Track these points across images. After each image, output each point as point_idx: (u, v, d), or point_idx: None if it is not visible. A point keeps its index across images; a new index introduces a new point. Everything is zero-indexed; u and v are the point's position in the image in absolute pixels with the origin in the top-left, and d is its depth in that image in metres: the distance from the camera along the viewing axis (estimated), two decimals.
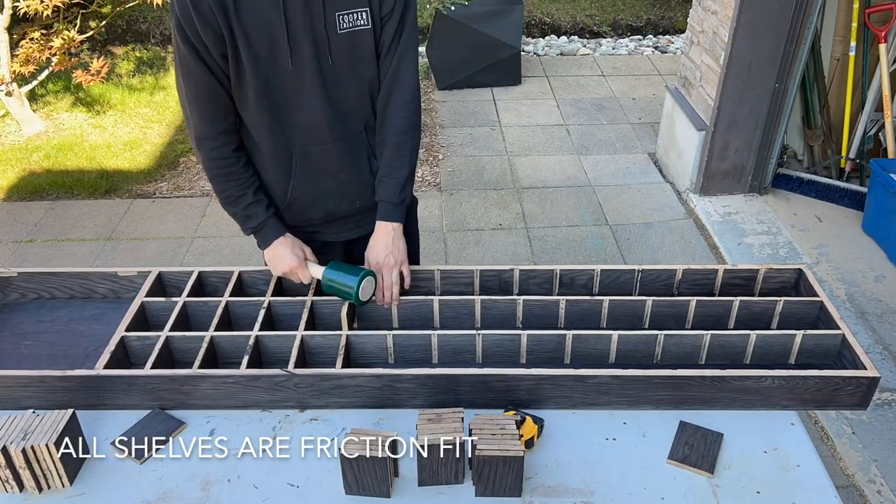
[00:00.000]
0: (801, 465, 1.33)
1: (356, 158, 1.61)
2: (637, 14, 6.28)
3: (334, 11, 1.43)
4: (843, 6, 3.54)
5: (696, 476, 1.31)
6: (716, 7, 3.51)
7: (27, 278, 1.73)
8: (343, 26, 1.45)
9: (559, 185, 4.02)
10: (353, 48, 1.48)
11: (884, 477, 2.34)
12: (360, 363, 1.53)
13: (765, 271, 1.70)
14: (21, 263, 3.40)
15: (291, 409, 1.45)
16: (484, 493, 1.26)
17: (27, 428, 1.25)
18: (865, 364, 1.43)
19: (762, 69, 3.37)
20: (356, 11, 1.45)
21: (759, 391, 1.41)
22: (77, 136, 4.50)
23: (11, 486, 1.26)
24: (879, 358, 2.77)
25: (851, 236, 3.49)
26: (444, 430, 1.24)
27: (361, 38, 1.48)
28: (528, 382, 1.41)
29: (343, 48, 1.47)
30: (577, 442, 1.37)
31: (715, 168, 3.70)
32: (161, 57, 5.65)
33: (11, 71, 4.12)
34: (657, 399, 1.42)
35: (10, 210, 3.84)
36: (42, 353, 1.59)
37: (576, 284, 1.71)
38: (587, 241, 3.56)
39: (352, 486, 1.26)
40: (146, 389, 1.42)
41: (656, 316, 1.62)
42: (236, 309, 1.62)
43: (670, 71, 5.31)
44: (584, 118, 4.74)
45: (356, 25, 1.46)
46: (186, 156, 4.29)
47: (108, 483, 1.30)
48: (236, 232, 1.77)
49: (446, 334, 1.53)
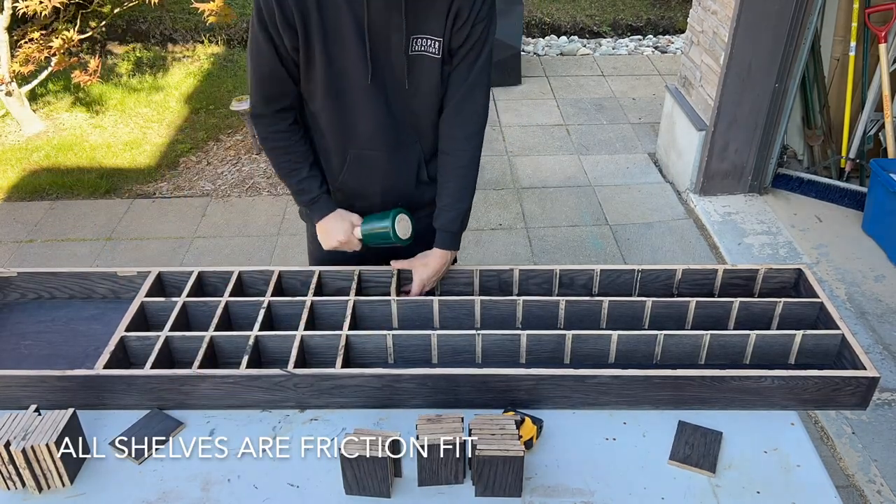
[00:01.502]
0: (801, 465, 1.33)
1: (406, 167, 1.67)
2: (637, 14, 6.28)
3: (410, 34, 1.48)
4: (843, 6, 3.54)
5: (697, 476, 1.31)
6: (716, 7, 3.51)
7: (27, 278, 1.73)
8: (415, 48, 1.49)
9: (559, 185, 4.02)
10: (421, 71, 1.53)
11: (884, 477, 2.33)
12: (359, 363, 1.53)
13: (765, 271, 1.70)
14: (21, 263, 3.40)
15: (291, 409, 1.45)
16: (484, 493, 1.26)
17: (28, 427, 1.25)
18: (865, 364, 1.43)
19: (762, 69, 3.37)
20: (430, 39, 1.49)
21: (759, 391, 1.41)
22: (77, 136, 4.50)
23: (14, 482, 1.26)
24: (879, 358, 2.77)
25: (851, 236, 3.48)
26: (444, 430, 1.24)
27: (429, 64, 1.52)
28: (528, 382, 1.41)
29: (415, 71, 1.52)
30: (577, 442, 1.37)
31: (715, 168, 3.70)
32: (161, 57, 5.65)
33: (11, 71, 4.12)
34: (657, 399, 1.42)
35: (10, 210, 3.84)
36: (42, 353, 1.59)
37: (575, 284, 1.71)
38: (587, 241, 3.56)
39: (352, 486, 1.26)
40: (146, 389, 1.42)
41: (656, 316, 1.62)
42: (236, 309, 1.62)
43: (670, 71, 5.31)
44: (584, 118, 4.74)
45: (427, 51, 1.50)
46: (186, 156, 4.29)
47: (108, 483, 1.30)
48: (236, 232, 1.78)
49: (446, 334, 1.53)
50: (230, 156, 4.28)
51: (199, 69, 5.44)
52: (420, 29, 1.47)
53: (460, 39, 1.50)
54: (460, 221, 1.66)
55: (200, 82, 5.23)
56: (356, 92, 1.53)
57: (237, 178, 4.07)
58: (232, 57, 5.65)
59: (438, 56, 1.51)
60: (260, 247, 3.48)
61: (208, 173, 4.13)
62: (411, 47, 1.49)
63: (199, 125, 4.62)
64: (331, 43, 1.46)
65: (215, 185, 4.02)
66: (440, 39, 1.49)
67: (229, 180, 4.06)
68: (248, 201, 3.88)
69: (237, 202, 3.88)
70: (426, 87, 1.55)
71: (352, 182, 1.68)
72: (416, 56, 1.50)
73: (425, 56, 1.50)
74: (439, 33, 1.48)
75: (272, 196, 3.92)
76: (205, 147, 4.39)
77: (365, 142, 1.61)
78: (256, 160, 4.21)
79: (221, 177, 4.10)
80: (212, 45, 5.80)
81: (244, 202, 3.88)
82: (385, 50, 1.48)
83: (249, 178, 4.08)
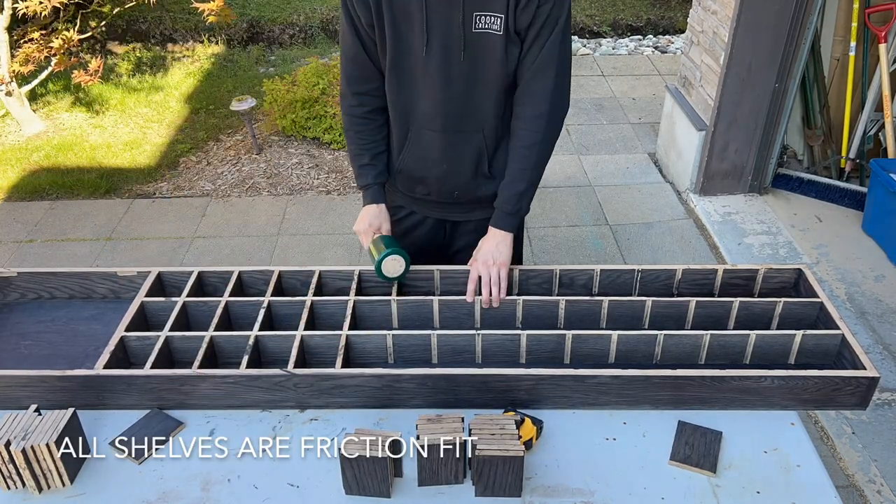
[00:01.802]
0: (801, 465, 1.33)
1: (463, 155, 1.66)
2: (637, 14, 6.28)
3: (472, 11, 1.47)
4: (843, 6, 3.54)
5: (697, 476, 1.31)
6: (716, 7, 3.51)
7: (27, 278, 1.73)
8: (478, 26, 1.48)
9: (559, 185, 4.01)
10: (483, 49, 1.51)
11: (884, 477, 2.33)
12: (359, 363, 1.53)
13: (764, 271, 1.70)
14: (21, 263, 3.40)
15: (291, 409, 1.45)
16: (484, 493, 1.26)
17: (28, 427, 1.25)
18: (865, 364, 1.43)
19: (762, 69, 3.37)
20: (492, 15, 1.47)
21: (759, 391, 1.41)
22: (77, 136, 4.50)
23: (14, 481, 1.26)
24: (879, 358, 2.77)
25: (851, 236, 3.48)
26: (444, 430, 1.24)
27: (492, 42, 1.50)
28: (528, 382, 1.41)
29: (475, 47, 1.51)
30: (577, 442, 1.37)
31: (715, 168, 3.70)
32: (161, 57, 5.65)
33: (11, 71, 4.12)
34: (657, 399, 1.42)
35: (10, 210, 3.84)
36: (42, 353, 1.59)
37: (575, 284, 1.71)
38: (587, 241, 3.56)
39: (352, 486, 1.26)
40: (146, 389, 1.42)
41: (656, 316, 1.62)
42: (236, 309, 1.62)
43: (670, 71, 5.30)
44: (584, 118, 4.74)
45: (490, 28, 1.49)
46: (186, 156, 4.29)
47: (108, 483, 1.30)
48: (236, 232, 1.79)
49: (446, 334, 1.53)
50: (230, 156, 4.28)
51: (199, 69, 5.44)
52: (481, 5, 1.46)
53: (526, 21, 1.47)
54: (515, 201, 1.62)
55: (200, 82, 5.23)
56: (416, 68, 1.54)
57: (237, 178, 4.07)
58: (232, 57, 5.65)
59: (501, 33, 1.48)
60: (260, 247, 3.48)
61: (208, 173, 4.13)
62: (474, 24, 1.48)
63: (199, 125, 4.62)
64: (398, 18, 1.49)
65: (215, 185, 4.02)
66: (501, 16, 1.46)
67: (229, 180, 4.06)
68: (248, 201, 3.88)
69: (237, 202, 3.88)
70: (488, 65, 1.53)
71: (411, 163, 1.69)
72: (478, 33, 1.49)
73: (488, 33, 1.49)
74: (501, 10, 1.46)
75: (272, 196, 3.92)
76: (205, 147, 4.39)
77: (424, 121, 1.61)
78: (256, 160, 4.22)
79: (221, 177, 4.10)
80: (212, 45, 5.80)
81: (244, 202, 3.88)
82: (444, 25, 1.48)
83: (249, 178, 4.08)
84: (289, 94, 4.22)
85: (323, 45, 5.88)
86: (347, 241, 3.53)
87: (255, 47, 5.78)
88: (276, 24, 5.95)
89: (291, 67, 5.31)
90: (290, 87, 4.25)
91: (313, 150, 4.29)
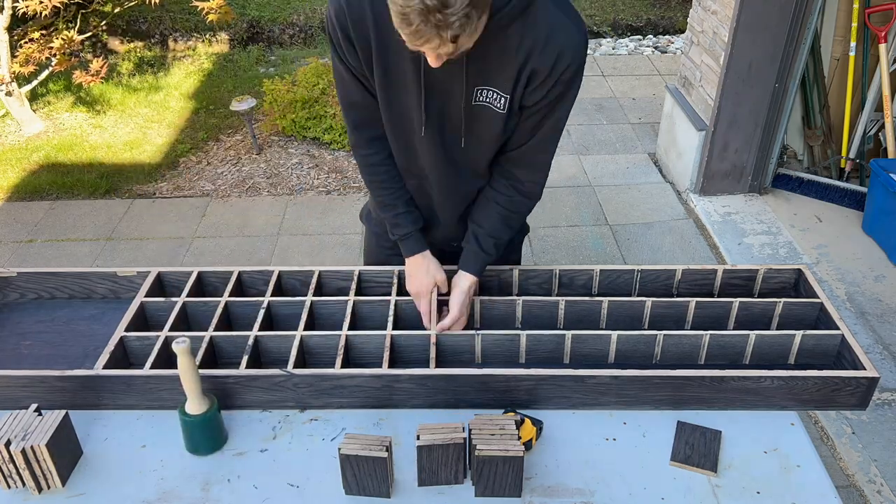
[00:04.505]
0: (801, 465, 1.33)
1: (464, 212, 1.62)
2: (637, 14, 6.28)
3: (474, 86, 1.35)
4: (843, 6, 3.54)
5: (697, 476, 1.31)
6: (716, 7, 3.51)
7: (27, 278, 1.73)
8: (478, 100, 1.37)
9: (559, 185, 4.01)
10: (483, 125, 1.41)
11: (884, 477, 2.33)
12: (359, 363, 1.53)
13: (764, 271, 1.70)
14: (21, 263, 3.40)
15: (291, 409, 1.45)
16: (484, 493, 1.26)
17: (28, 427, 1.25)
18: (865, 364, 1.43)
19: (762, 69, 3.37)
20: (496, 93, 1.35)
21: (759, 391, 1.41)
22: (77, 136, 4.50)
23: (14, 480, 1.26)
24: (879, 358, 2.77)
25: (851, 236, 3.49)
26: (444, 431, 1.24)
27: (493, 118, 1.39)
28: (528, 383, 1.41)
29: (473, 120, 1.40)
30: (577, 442, 1.37)
31: (715, 168, 3.70)
32: (161, 57, 5.65)
33: (11, 71, 4.12)
34: (657, 399, 1.42)
35: (10, 210, 3.84)
36: (41, 353, 1.59)
37: (575, 285, 1.71)
38: (587, 241, 3.56)
39: (352, 486, 1.26)
40: (145, 389, 1.42)
41: (656, 316, 1.62)
42: (236, 309, 1.62)
43: (670, 71, 5.30)
44: (584, 118, 4.74)
45: (492, 104, 1.37)
46: (186, 156, 4.29)
47: (108, 483, 1.30)
48: (236, 232, 1.78)
49: (445, 334, 1.52)
50: (230, 156, 4.28)
51: (199, 69, 5.44)
52: (485, 81, 1.34)
53: (535, 99, 1.36)
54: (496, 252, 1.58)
55: (200, 82, 5.23)
56: (415, 138, 1.45)
57: (237, 178, 4.07)
58: (232, 57, 5.65)
59: (503, 111, 1.37)
60: (260, 247, 3.48)
61: (208, 173, 4.13)
62: (474, 98, 1.36)
63: (199, 125, 4.62)
64: (391, 83, 1.37)
65: (215, 185, 4.02)
66: (507, 96, 1.35)
67: (229, 180, 4.06)
68: (248, 201, 3.88)
69: (237, 202, 3.88)
70: (486, 138, 1.44)
71: (418, 203, 1.62)
72: (479, 106, 1.37)
73: (489, 108, 1.37)
74: (507, 90, 1.34)
75: (272, 196, 3.92)
76: (205, 147, 4.39)
77: (423, 180, 1.56)
78: (256, 160, 4.22)
79: (221, 177, 4.10)
80: (212, 45, 5.80)
81: (244, 202, 3.88)
82: (443, 101, 1.37)
83: (249, 178, 4.08)
84: (289, 95, 4.22)
85: (323, 45, 5.88)
86: (347, 241, 3.53)
87: (255, 47, 5.78)
88: (276, 24, 5.95)
89: (291, 67, 5.31)
90: (290, 87, 4.25)
91: (313, 150, 4.29)
